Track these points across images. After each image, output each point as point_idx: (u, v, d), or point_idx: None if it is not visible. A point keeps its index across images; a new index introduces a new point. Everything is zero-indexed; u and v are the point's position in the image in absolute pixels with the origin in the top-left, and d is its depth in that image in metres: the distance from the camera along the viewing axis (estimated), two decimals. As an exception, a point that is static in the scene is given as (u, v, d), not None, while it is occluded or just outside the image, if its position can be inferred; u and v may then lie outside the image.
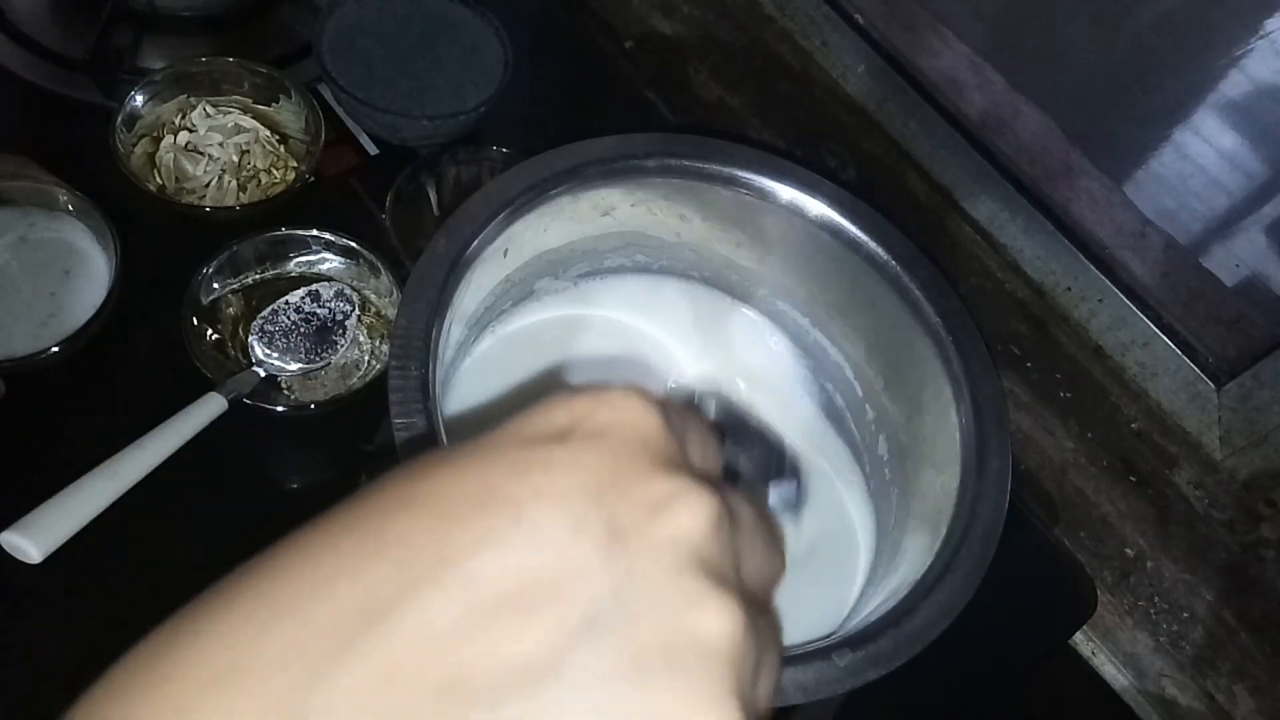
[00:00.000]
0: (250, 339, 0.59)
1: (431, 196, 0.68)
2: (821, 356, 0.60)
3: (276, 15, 0.76)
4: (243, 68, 0.68)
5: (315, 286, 0.61)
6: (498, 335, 0.57)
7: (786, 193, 0.54)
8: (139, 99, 0.65)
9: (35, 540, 0.46)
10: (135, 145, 0.65)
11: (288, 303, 0.60)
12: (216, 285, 0.60)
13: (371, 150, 0.71)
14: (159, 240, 0.64)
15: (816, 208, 0.54)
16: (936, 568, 0.44)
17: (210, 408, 0.53)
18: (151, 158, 0.66)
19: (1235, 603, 0.60)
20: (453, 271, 0.46)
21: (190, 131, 0.67)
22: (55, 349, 0.55)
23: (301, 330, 0.60)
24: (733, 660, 0.20)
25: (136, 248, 0.59)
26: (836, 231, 0.54)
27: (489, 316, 0.56)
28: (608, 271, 0.60)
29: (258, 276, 0.62)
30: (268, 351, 0.59)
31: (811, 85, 0.70)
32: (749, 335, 0.61)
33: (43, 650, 0.51)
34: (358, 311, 0.61)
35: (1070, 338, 0.62)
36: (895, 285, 0.53)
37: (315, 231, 0.62)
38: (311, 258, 0.63)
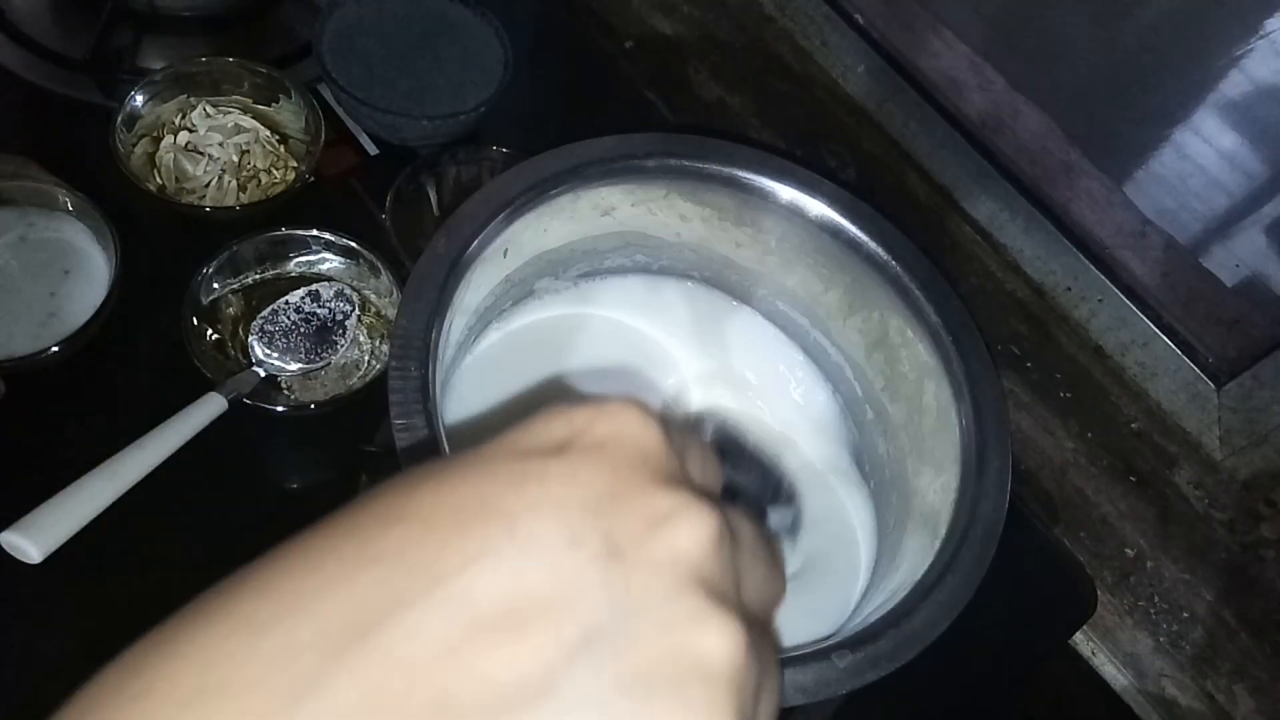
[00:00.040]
0: (250, 339, 0.59)
1: (431, 196, 0.68)
2: (821, 357, 0.60)
3: (276, 15, 0.76)
4: (243, 68, 0.68)
5: (315, 286, 0.61)
6: (498, 335, 0.57)
7: (786, 193, 0.54)
8: (139, 99, 0.65)
9: (35, 540, 0.46)
10: (135, 145, 0.65)
11: (288, 303, 0.60)
12: (216, 285, 0.60)
13: (371, 150, 0.71)
14: (159, 240, 0.64)
15: (816, 208, 0.54)
16: (936, 568, 0.44)
17: (210, 408, 0.53)
18: (151, 158, 0.66)
19: (1235, 603, 0.60)
20: (453, 271, 0.46)
21: (190, 131, 0.67)
22: (55, 349, 0.55)
23: (301, 330, 0.60)
24: (734, 682, 0.20)
25: (136, 248, 0.59)
26: (836, 231, 0.54)
27: (489, 316, 0.56)
28: (608, 271, 0.60)
29: (258, 276, 0.62)
30: (268, 351, 0.59)
31: (811, 85, 0.70)
32: (748, 335, 0.61)
33: (43, 650, 0.51)
34: (358, 311, 0.61)
35: (1070, 338, 0.62)
36: (895, 285, 0.53)
37: (315, 231, 0.62)
38: (311, 258, 0.63)
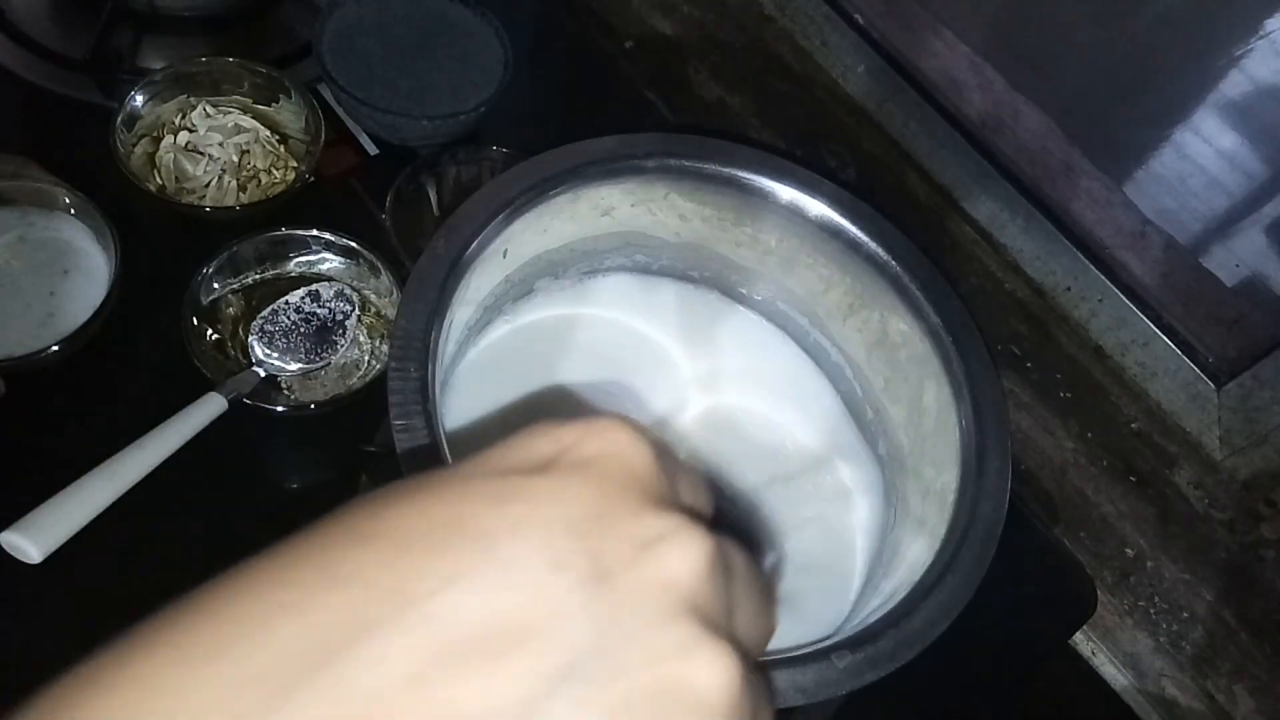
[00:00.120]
0: (250, 339, 0.59)
1: (431, 196, 0.68)
2: (821, 357, 0.60)
3: (276, 15, 0.76)
4: (243, 68, 0.68)
5: (315, 286, 0.61)
6: (498, 335, 0.57)
7: (786, 193, 0.54)
8: (139, 99, 0.65)
9: (35, 540, 0.46)
10: (135, 145, 0.65)
11: (288, 303, 0.60)
12: (216, 285, 0.60)
13: (371, 150, 0.71)
14: (159, 240, 0.64)
15: (816, 208, 0.54)
16: (936, 568, 0.44)
17: (210, 408, 0.53)
18: (151, 158, 0.66)
19: (1235, 603, 0.60)
20: (453, 271, 0.46)
21: (190, 131, 0.67)
22: (55, 348, 0.55)
23: (301, 330, 0.60)
24: (727, 715, 0.19)
25: (136, 248, 0.59)
26: (836, 231, 0.54)
27: (489, 317, 0.56)
28: (608, 271, 0.60)
29: (258, 276, 0.62)
30: (268, 351, 0.59)
31: (811, 85, 0.70)
32: (748, 335, 0.61)
33: (43, 650, 0.51)
34: (358, 311, 0.61)
35: (1070, 338, 0.62)
36: (895, 285, 0.53)
37: (315, 231, 0.62)
38: (311, 258, 0.63)
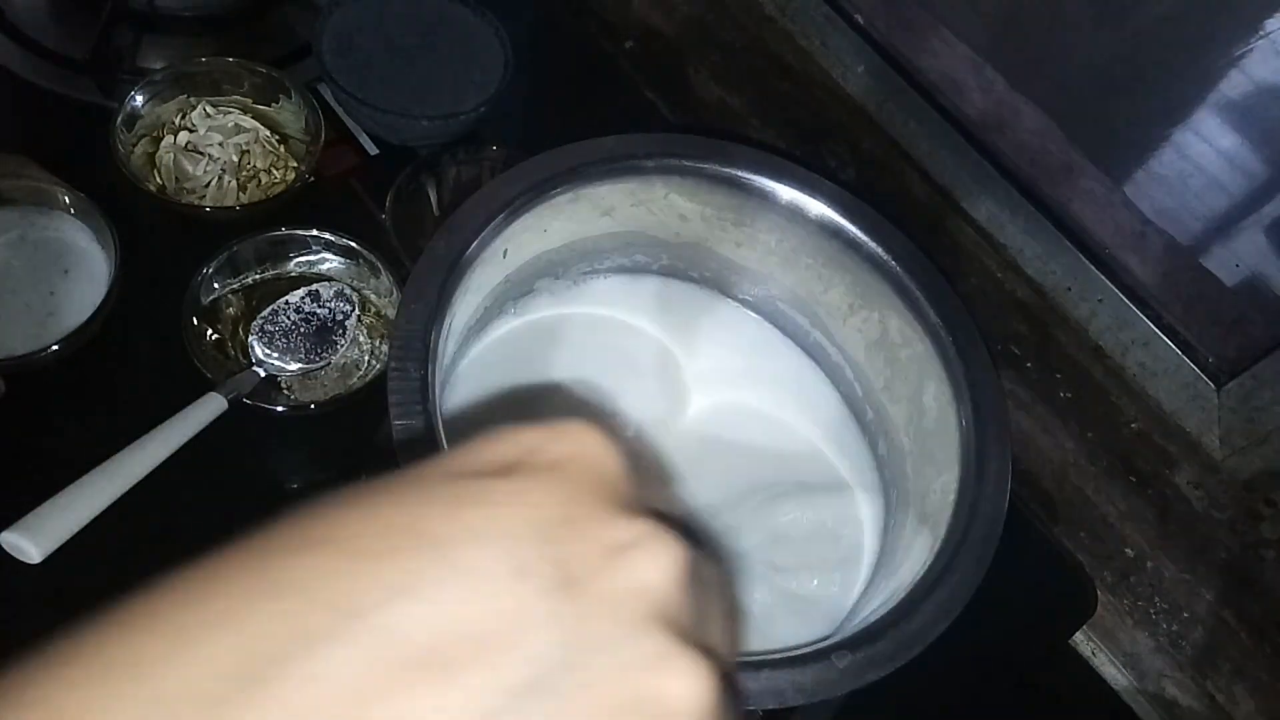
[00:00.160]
0: (250, 339, 0.59)
1: (431, 196, 0.68)
2: (821, 357, 0.60)
3: (276, 15, 0.76)
4: (243, 68, 0.68)
5: (315, 286, 0.61)
6: (498, 335, 0.57)
7: (786, 193, 0.54)
8: (139, 99, 0.65)
9: (35, 540, 0.46)
10: (135, 145, 0.65)
11: (288, 303, 0.60)
12: (216, 285, 0.60)
13: (371, 150, 0.71)
14: (159, 240, 0.64)
15: (816, 208, 0.54)
16: (936, 568, 0.44)
17: (210, 408, 0.53)
18: (151, 158, 0.66)
19: (1235, 603, 0.60)
20: (453, 271, 0.46)
21: (190, 131, 0.67)
22: (55, 347, 0.55)
23: (301, 330, 0.60)
24: None
25: (136, 248, 0.59)
26: (836, 231, 0.54)
27: (489, 316, 0.56)
28: (608, 271, 0.60)
29: (258, 276, 0.62)
30: (268, 351, 0.59)
31: (811, 85, 0.70)
32: (748, 335, 0.61)
33: (43, 650, 0.51)
34: (358, 311, 0.61)
35: (1070, 338, 0.62)
36: (895, 285, 0.53)
37: (315, 231, 0.62)
38: (311, 258, 0.63)
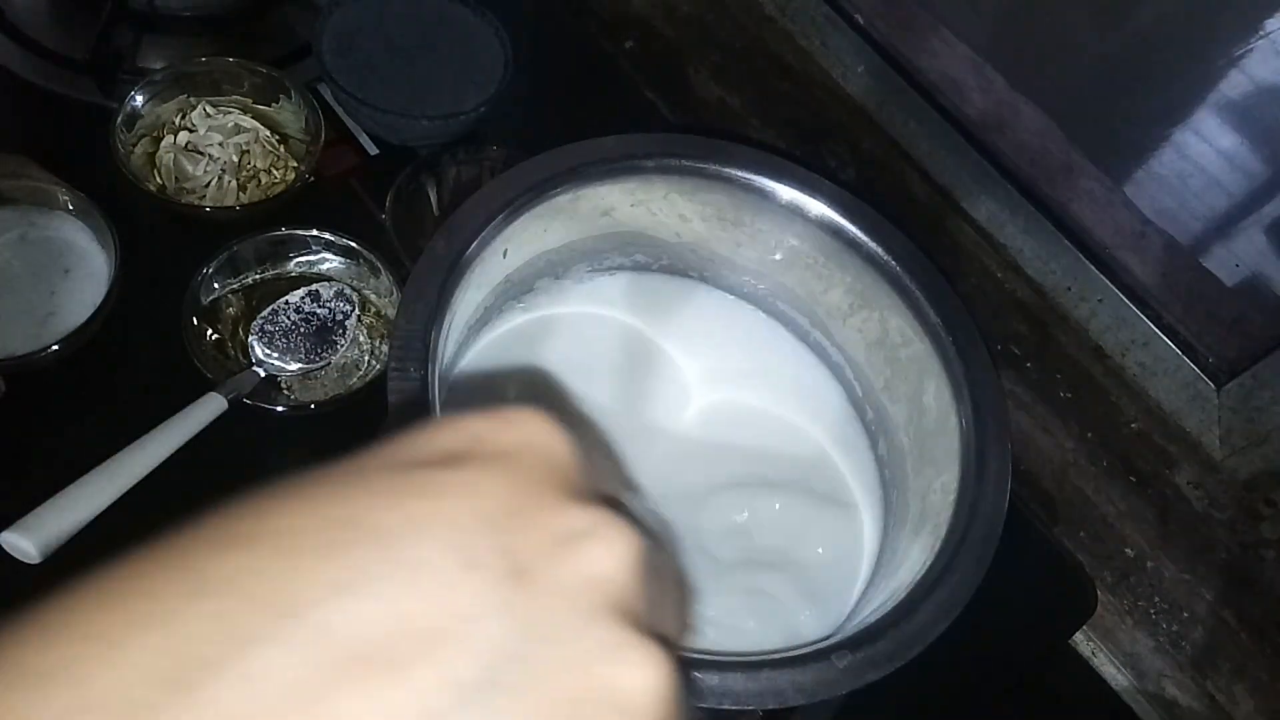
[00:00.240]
0: (250, 339, 0.59)
1: (431, 196, 0.68)
2: (821, 356, 0.60)
3: (276, 15, 0.76)
4: (243, 68, 0.68)
5: (315, 286, 0.61)
6: (498, 335, 0.57)
7: (786, 193, 0.54)
8: (139, 99, 0.65)
9: (35, 540, 0.45)
10: (135, 145, 0.65)
11: (288, 303, 0.60)
12: (216, 285, 0.60)
13: (371, 150, 0.71)
14: (159, 240, 0.64)
15: (816, 208, 0.54)
16: (936, 568, 0.44)
17: (210, 408, 0.53)
18: (151, 158, 0.66)
19: (1235, 603, 0.60)
20: (453, 271, 0.46)
21: (190, 131, 0.67)
22: (55, 347, 0.55)
23: (301, 330, 0.60)
24: (658, 718, 0.17)
25: (136, 248, 0.59)
26: (836, 231, 0.54)
27: (489, 316, 0.56)
28: (608, 271, 0.60)
29: (258, 276, 0.62)
30: (268, 351, 0.59)
31: (811, 85, 0.70)
32: (748, 334, 0.61)
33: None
34: (358, 311, 0.61)
35: (1070, 338, 0.62)
36: (895, 285, 0.53)
37: (315, 231, 0.62)
38: (311, 258, 0.63)
